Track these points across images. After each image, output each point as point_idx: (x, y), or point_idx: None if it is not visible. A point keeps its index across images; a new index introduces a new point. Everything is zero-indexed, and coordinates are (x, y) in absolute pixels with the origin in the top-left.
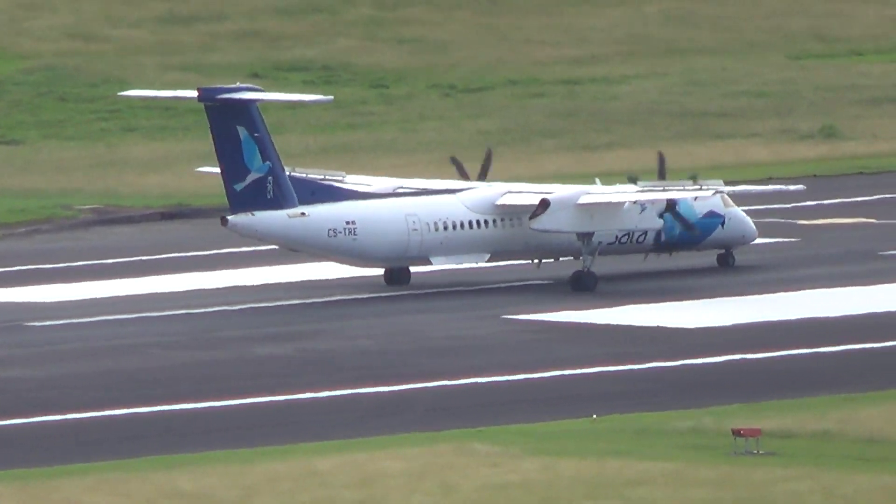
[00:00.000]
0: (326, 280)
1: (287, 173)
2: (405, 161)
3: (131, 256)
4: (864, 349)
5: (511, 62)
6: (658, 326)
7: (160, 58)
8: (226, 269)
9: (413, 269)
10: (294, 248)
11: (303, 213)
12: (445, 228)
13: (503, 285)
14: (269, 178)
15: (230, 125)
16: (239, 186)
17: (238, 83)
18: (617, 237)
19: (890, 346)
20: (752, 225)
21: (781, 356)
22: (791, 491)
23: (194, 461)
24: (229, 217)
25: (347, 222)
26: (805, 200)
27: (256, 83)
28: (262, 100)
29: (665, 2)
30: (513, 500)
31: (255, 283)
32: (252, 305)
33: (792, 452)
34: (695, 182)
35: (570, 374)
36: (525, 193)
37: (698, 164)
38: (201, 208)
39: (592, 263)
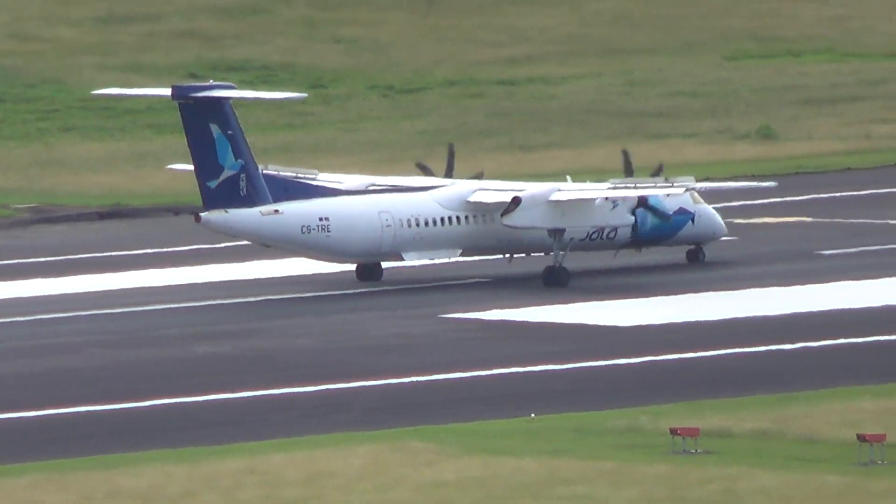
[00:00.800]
0: (265, 279)
1: (260, 171)
2: (344, 161)
3: (69, 255)
4: (802, 348)
5: (449, 62)
6: (595, 325)
7: (98, 58)
8: (165, 267)
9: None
10: (268, 245)
11: (276, 211)
12: (418, 225)
13: (440, 283)
14: (243, 175)
15: (203, 123)
16: (212, 184)
17: (211, 81)
18: (588, 233)
19: (827, 346)
20: (722, 221)
21: (719, 355)
22: (728, 490)
23: (135, 460)
24: (203, 214)
25: (321, 219)
26: (743, 199)
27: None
28: (236, 97)
29: (602, 2)
30: (451, 499)
31: (194, 282)
32: (191, 304)
33: (730, 451)
34: (665, 179)
35: (507, 373)
36: (496, 191)
37: (635, 164)
38: (139, 208)
39: (564, 259)
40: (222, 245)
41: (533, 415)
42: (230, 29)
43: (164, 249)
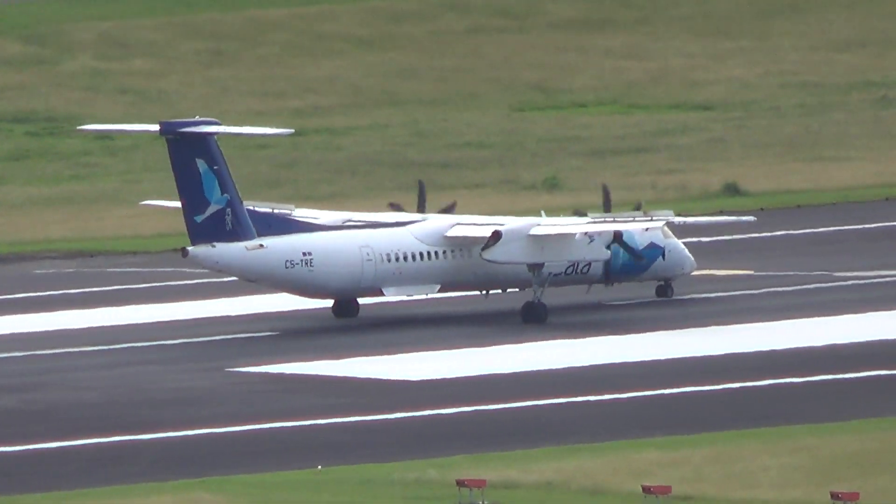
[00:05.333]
0: (50, 332)
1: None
2: (129, 212)
3: None
4: (588, 401)
5: (233, 113)
6: (382, 378)
7: None
8: None
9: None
10: (252, 280)
11: (261, 245)
12: (398, 259)
13: (227, 337)
14: (229, 209)
15: (190, 158)
16: (199, 218)
17: (197, 116)
18: (565, 268)
19: (613, 398)
20: (691, 256)
21: (505, 408)
22: None
23: None
24: (189, 248)
25: (304, 253)
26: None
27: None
28: (221, 132)
29: (386, 53)
30: None
31: None
32: None
33: (516, 503)
34: (644, 213)
35: (294, 426)
36: (475, 225)
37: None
38: None
39: (542, 294)
40: (17, 296)
41: (320, 466)
42: (14, 80)
43: None
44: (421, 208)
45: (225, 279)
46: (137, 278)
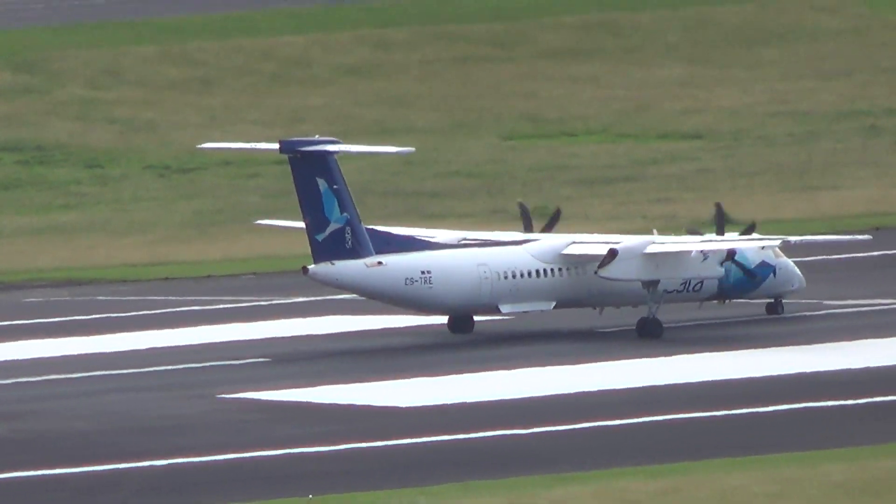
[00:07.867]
0: (39, 359)
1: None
2: (120, 242)
3: None
4: (574, 429)
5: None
6: (373, 406)
7: None
8: None
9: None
10: (371, 297)
11: (380, 263)
12: (514, 277)
13: (217, 363)
14: (348, 228)
15: (311, 177)
16: (320, 237)
17: (317, 136)
18: (679, 285)
19: (598, 426)
20: (800, 274)
21: (495, 435)
22: None
23: None
24: (310, 267)
25: (423, 272)
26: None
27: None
28: (342, 151)
29: (376, 82)
30: None
31: None
32: None
33: None
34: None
35: (285, 454)
36: (591, 244)
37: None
38: None
39: (658, 310)
40: (6, 323)
41: (311, 496)
42: (4, 108)
43: None
44: (528, 229)
45: (217, 306)
46: (127, 306)
